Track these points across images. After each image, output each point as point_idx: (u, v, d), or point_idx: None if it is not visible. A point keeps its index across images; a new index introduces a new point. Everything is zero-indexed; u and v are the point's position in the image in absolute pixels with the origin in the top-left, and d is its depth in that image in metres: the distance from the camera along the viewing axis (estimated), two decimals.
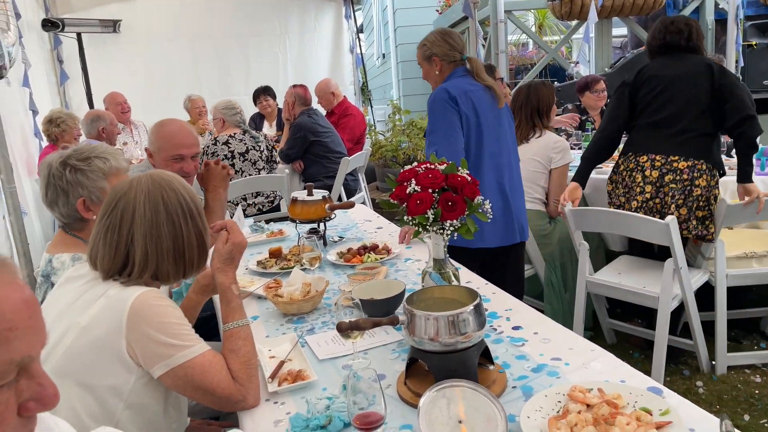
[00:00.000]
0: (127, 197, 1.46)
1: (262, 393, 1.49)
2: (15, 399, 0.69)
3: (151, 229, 1.44)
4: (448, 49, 2.73)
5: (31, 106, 5.30)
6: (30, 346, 0.70)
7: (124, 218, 1.44)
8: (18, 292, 0.71)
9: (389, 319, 1.42)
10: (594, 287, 2.96)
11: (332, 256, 2.44)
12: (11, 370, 0.68)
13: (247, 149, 4.44)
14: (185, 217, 1.49)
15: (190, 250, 1.49)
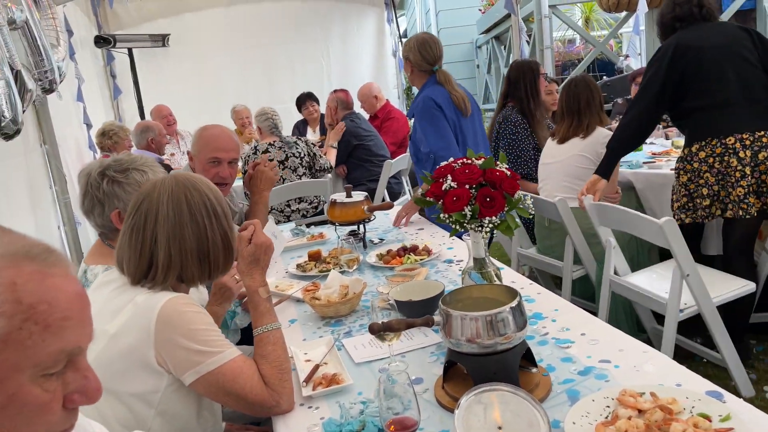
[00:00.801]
0: (150, 198, 1.45)
1: (296, 397, 1.45)
2: (61, 390, 0.70)
3: (174, 229, 1.42)
4: (420, 59, 2.98)
5: (85, 119, 5.48)
6: (81, 337, 0.71)
7: (148, 219, 1.43)
8: (72, 284, 0.73)
9: (424, 320, 1.36)
10: (616, 287, 2.76)
11: (372, 258, 2.39)
12: (61, 359, 0.69)
13: (286, 156, 4.44)
14: (209, 216, 1.47)
15: (214, 250, 1.47)
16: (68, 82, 5.21)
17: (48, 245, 0.74)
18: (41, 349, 0.67)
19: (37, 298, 0.68)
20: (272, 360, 1.41)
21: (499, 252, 4.73)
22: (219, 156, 2.48)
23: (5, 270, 0.67)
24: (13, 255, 0.69)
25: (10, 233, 0.72)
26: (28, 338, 0.66)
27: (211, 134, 2.53)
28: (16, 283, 0.67)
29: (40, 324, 0.67)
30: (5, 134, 2.60)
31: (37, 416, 0.68)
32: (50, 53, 3.36)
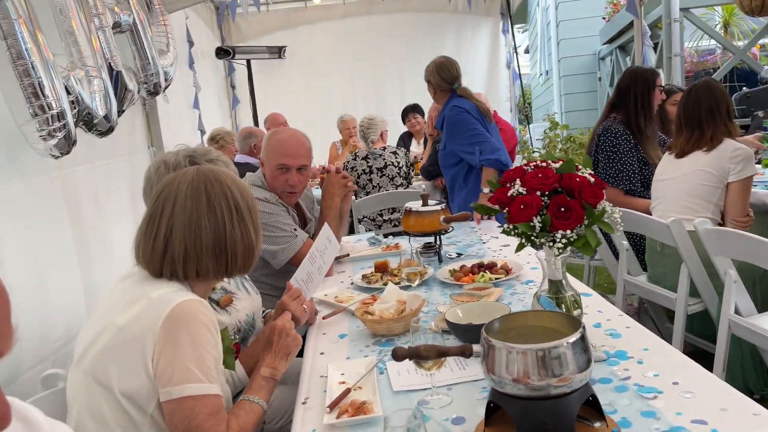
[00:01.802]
0: (170, 187, 1.38)
1: (316, 424, 1.27)
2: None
3: (190, 220, 1.34)
4: (439, 80, 3.40)
5: (199, 126, 5.73)
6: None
7: (165, 209, 1.36)
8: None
9: (459, 348, 1.13)
10: (737, 329, 2.28)
11: (444, 274, 2.16)
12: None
13: (385, 164, 4.35)
14: (230, 210, 1.38)
15: (232, 246, 1.37)
16: (185, 89, 5.49)
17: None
18: None
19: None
20: (242, 422, 1.32)
21: (606, 278, 4.27)
22: (287, 163, 2.38)
23: None
24: None
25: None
26: None
27: (280, 139, 2.43)
28: None
29: None
30: (98, 131, 2.67)
31: None
32: (156, 58, 3.48)
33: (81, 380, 1.28)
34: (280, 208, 2.38)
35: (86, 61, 2.53)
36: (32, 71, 2.05)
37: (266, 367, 1.46)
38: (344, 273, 2.43)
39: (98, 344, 1.27)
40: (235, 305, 1.80)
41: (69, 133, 2.23)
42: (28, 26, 2.04)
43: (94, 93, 2.56)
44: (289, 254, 2.31)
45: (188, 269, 1.34)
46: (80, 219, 2.75)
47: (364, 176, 4.32)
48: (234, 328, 1.76)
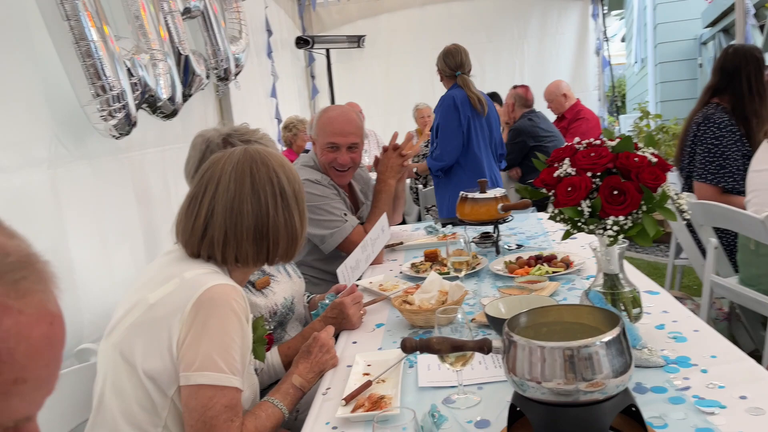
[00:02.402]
0: (215, 167, 1.33)
1: (331, 417, 1.19)
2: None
3: (232, 203, 1.28)
4: (444, 66, 3.59)
5: (276, 115, 5.81)
6: (35, 404, 0.50)
7: (208, 189, 1.31)
8: (44, 326, 0.50)
9: (477, 343, 1.00)
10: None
11: (498, 265, 2.02)
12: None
13: None
14: (274, 196, 1.31)
15: (275, 233, 1.31)
16: (263, 78, 5.57)
17: (30, 252, 0.51)
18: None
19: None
20: (259, 425, 1.26)
21: (694, 278, 3.92)
22: (336, 141, 2.30)
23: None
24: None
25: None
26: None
27: (330, 117, 2.36)
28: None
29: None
30: (162, 113, 2.72)
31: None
32: (227, 44, 3.51)
33: (109, 353, 1.26)
34: (332, 191, 2.31)
35: (152, 45, 2.57)
36: (94, 52, 2.09)
37: (299, 376, 1.39)
38: (395, 261, 2.34)
39: (128, 319, 1.25)
40: (272, 288, 1.75)
41: (129, 114, 2.26)
42: (90, 8, 2.08)
43: (158, 76, 2.60)
44: (338, 240, 2.24)
45: (227, 253, 1.29)
46: (148, 202, 2.81)
47: None
48: (269, 311, 1.70)
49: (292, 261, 1.89)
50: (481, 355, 1.36)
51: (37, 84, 2.06)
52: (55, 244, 2.04)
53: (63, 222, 2.10)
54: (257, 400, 1.39)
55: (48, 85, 2.10)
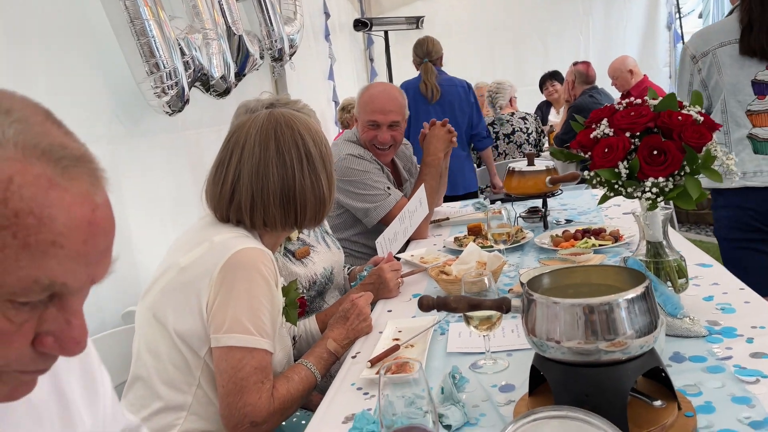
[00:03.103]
0: (240, 132, 1.33)
1: (357, 378, 1.19)
2: (34, 326, 0.57)
3: (258, 167, 1.29)
4: (414, 56, 4.05)
5: (333, 97, 5.85)
6: (70, 274, 0.55)
7: (234, 154, 1.31)
8: (86, 208, 0.56)
9: (495, 302, 0.97)
10: None
11: (544, 239, 1.96)
12: (35, 291, 0.54)
13: (513, 130, 4.11)
14: (300, 158, 1.30)
15: (302, 196, 1.31)
16: (321, 61, 5.61)
17: (85, 153, 0.58)
18: (12, 269, 0.53)
19: (26, 207, 0.52)
20: (292, 387, 1.26)
21: None
22: (376, 119, 2.29)
23: (10, 163, 0.53)
24: (29, 147, 0.54)
25: (51, 123, 0.58)
26: (1, 250, 0.52)
27: (371, 94, 2.35)
28: (13, 180, 0.52)
29: (19, 239, 0.52)
30: (216, 92, 2.79)
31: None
32: (281, 25, 3.56)
33: (144, 314, 1.31)
34: (374, 166, 2.31)
35: (205, 25, 2.63)
36: (148, 31, 2.16)
37: (333, 340, 1.40)
38: (440, 236, 2.31)
39: (161, 282, 1.29)
40: (312, 258, 1.76)
41: (181, 90, 2.33)
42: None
43: (211, 55, 2.66)
44: (381, 213, 2.24)
45: (255, 218, 1.30)
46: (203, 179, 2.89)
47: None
48: (309, 280, 1.72)
49: (322, 225, 1.91)
50: (515, 322, 1.34)
51: (97, 63, 2.15)
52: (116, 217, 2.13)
53: (122, 197, 2.20)
54: (291, 363, 1.41)
55: (106, 65, 2.20)
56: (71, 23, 2.04)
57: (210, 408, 1.25)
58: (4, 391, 0.59)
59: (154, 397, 1.25)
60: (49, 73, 1.89)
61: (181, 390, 1.25)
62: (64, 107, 0.68)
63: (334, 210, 2.27)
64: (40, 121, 0.57)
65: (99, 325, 1.82)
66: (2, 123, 0.54)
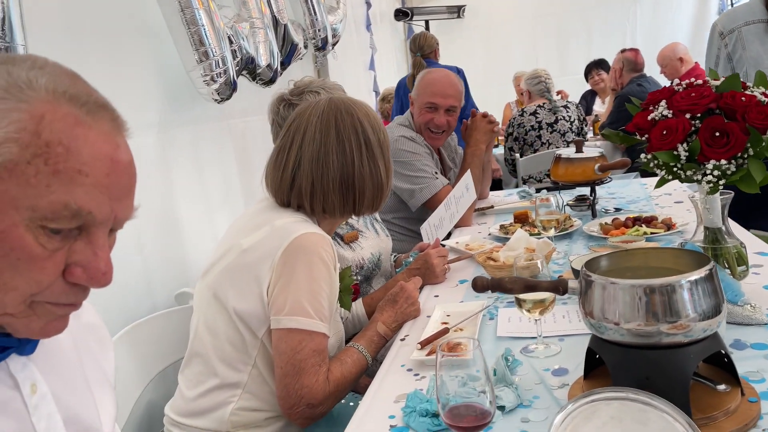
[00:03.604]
0: (301, 118, 1.35)
1: (406, 360, 1.20)
2: (65, 256, 0.62)
3: (318, 153, 1.30)
4: (410, 51, 4.20)
5: (374, 87, 5.85)
6: (95, 204, 0.61)
7: (294, 140, 1.33)
8: (108, 146, 0.63)
9: (552, 283, 0.96)
10: None
11: (593, 227, 1.92)
12: (65, 215, 0.60)
13: (556, 119, 4.03)
14: (359, 146, 1.32)
15: (360, 183, 1.32)
16: (362, 51, 5.62)
17: (108, 103, 0.66)
18: (44, 192, 0.59)
19: (56, 138, 0.59)
20: (345, 370, 1.27)
21: None
22: (436, 101, 2.30)
23: (42, 103, 0.60)
24: (59, 93, 0.61)
25: (79, 80, 0.65)
26: (33, 176, 0.58)
27: (432, 78, 2.36)
28: (45, 117, 0.60)
29: (50, 165, 0.59)
30: (262, 80, 2.82)
31: (25, 268, 0.60)
32: (324, 14, 3.58)
33: (204, 293, 1.34)
34: (425, 150, 2.32)
35: (252, 14, 2.66)
36: (198, 19, 2.20)
37: (383, 324, 1.40)
38: (485, 225, 2.29)
39: (222, 262, 1.31)
40: (360, 243, 1.78)
41: (229, 78, 2.37)
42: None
43: (258, 43, 2.70)
44: (426, 195, 2.23)
45: (315, 204, 1.32)
46: (248, 167, 2.94)
47: (531, 133, 4.04)
48: (356, 265, 1.74)
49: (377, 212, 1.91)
50: (566, 308, 1.33)
51: (149, 52, 2.20)
52: (165, 202, 2.18)
53: (171, 183, 2.24)
54: (342, 347, 1.43)
55: (158, 53, 2.24)
56: (125, 14, 2.08)
57: (264, 388, 1.28)
58: (39, 325, 0.64)
59: (210, 373, 1.28)
60: (105, 61, 1.94)
61: (237, 368, 1.27)
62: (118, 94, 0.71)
63: None
64: (69, 74, 0.64)
65: (151, 308, 1.87)
66: (36, 74, 0.61)
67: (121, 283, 1.73)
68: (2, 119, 0.59)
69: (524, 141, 3.99)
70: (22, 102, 0.59)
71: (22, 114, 0.59)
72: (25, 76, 0.61)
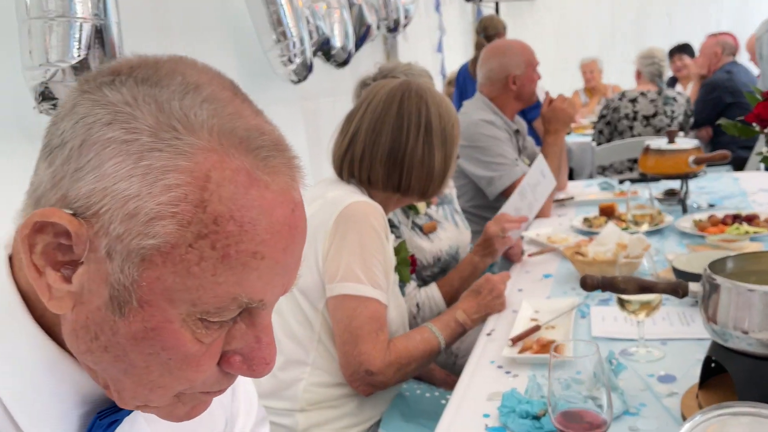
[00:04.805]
0: (371, 90, 1.37)
1: (495, 356, 1.16)
2: (221, 344, 0.50)
3: (375, 123, 1.32)
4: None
5: (441, 70, 5.76)
6: (269, 288, 0.49)
7: (359, 110, 1.35)
8: (287, 209, 0.48)
9: (671, 285, 0.89)
10: None
11: (685, 224, 1.81)
12: (231, 309, 0.47)
13: (655, 113, 3.69)
14: (418, 126, 1.31)
15: (409, 163, 1.31)
16: (430, 32, 5.53)
17: (281, 138, 0.50)
18: (209, 285, 0.45)
19: (226, 211, 0.44)
20: (411, 346, 1.26)
21: None
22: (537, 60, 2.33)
23: (206, 153, 0.44)
24: (226, 133, 0.46)
25: (239, 102, 0.50)
26: (197, 264, 0.44)
27: (521, 45, 2.36)
28: (211, 178, 0.44)
29: (218, 251, 0.45)
30: (336, 62, 2.80)
31: (177, 367, 0.48)
32: None
33: None
34: (505, 135, 2.24)
35: None
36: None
37: (463, 312, 1.36)
38: (565, 216, 2.20)
39: None
40: (438, 234, 1.73)
41: (306, 59, 2.35)
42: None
43: (333, 24, 2.68)
44: (505, 182, 2.16)
45: (362, 171, 1.33)
46: (318, 149, 2.94)
47: (624, 121, 3.74)
48: (434, 256, 1.70)
49: (452, 203, 1.86)
50: (665, 309, 1.25)
51: (227, 31, 2.21)
52: None
53: None
54: (405, 322, 1.41)
55: (236, 33, 2.25)
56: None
57: (332, 362, 1.28)
58: (184, 410, 0.53)
59: (278, 351, 1.28)
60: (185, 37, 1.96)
61: (303, 344, 1.28)
62: None
63: (454, 178, 2.24)
64: (229, 97, 0.48)
65: None
66: (194, 103, 0.46)
67: None
68: (154, 183, 0.43)
69: (615, 128, 3.70)
70: (181, 155, 0.44)
71: (181, 175, 0.44)
72: (178, 108, 0.45)
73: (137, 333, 0.46)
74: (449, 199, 1.86)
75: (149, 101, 0.45)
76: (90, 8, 1.29)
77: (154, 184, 0.43)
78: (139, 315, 0.46)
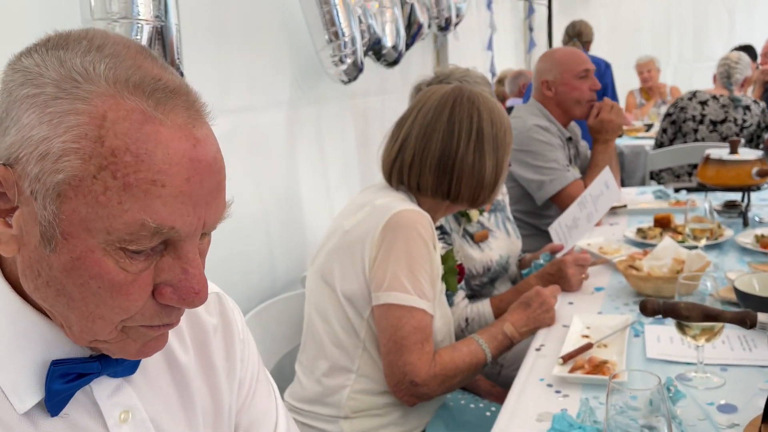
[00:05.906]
0: (423, 96, 1.36)
1: (545, 373, 1.13)
2: (151, 276, 0.54)
3: (426, 129, 1.30)
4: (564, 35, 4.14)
5: (491, 68, 5.68)
6: (177, 216, 0.52)
7: (411, 115, 1.35)
8: (186, 143, 0.53)
9: (737, 314, 0.85)
10: None
11: (747, 239, 1.74)
12: (144, 235, 0.51)
13: (724, 119, 3.52)
14: (469, 133, 1.29)
15: (459, 170, 1.29)
16: (480, 30, 5.46)
17: (182, 85, 0.55)
18: (117, 212, 0.50)
19: (122, 144, 0.50)
20: (456, 357, 1.25)
21: None
22: (589, 66, 2.21)
23: (102, 98, 0.50)
24: (121, 81, 0.51)
25: (146, 58, 0.55)
26: (102, 193, 0.50)
27: (565, 52, 2.30)
28: (107, 117, 0.50)
29: (120, 179, 0.50)
30: (386, 61, 2.79)
31: (108, 295, 0.53)
32: None
33: (313, 278, 1.36)
34: (558, 142, 2.20)
35: None
36: None
37: (511, 324, 1.34)
38: (617, 225, 2.14)
39: (328, 246, 1.34)
40: (489, 243, 1.71)
41: (357, 59, 2.36)
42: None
43: (384, 23, 2.67)
44: (555, 187, 2.12)
45: (411, 178, 1.32)
46: (366, 148, 2.94)
47: (690, 123, 3.56)
48: (484, 266, 1.68)
49: (504, 211, 1.83)
50: (726, 333, 1.20)
51: (281, 31, 2.23)
52: (290, 179, 2.23)
53: (296, 160, 2.28)
54: (451, 333, 1.40)
55: (290, 32, 2.26)
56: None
57: (377, 371, 1.28)
58: (135, 347, 0.57)
59: (324, 358, 1.30)
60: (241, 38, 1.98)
61: (348, 352, 1.28)
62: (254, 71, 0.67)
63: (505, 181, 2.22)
64: (132, 54, 0.54)
65: (270, 290, 1.89)
66: (93, 59, 0.52)
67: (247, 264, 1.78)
68: (58, 125, 0.50)
69: (680, 129, 3.54)
70: (79, 100, 0.50)
71: (80, 117, 0.50)
72: (80, 63, 0.51)
73: (66, 264, 0.52)
74: (502, 206, 1.83)
75: (54, 61, 0.52)
76: (152, 10, 1.32)
77: (59, 126, 0.50)
78: (65, 247, 0.52)
